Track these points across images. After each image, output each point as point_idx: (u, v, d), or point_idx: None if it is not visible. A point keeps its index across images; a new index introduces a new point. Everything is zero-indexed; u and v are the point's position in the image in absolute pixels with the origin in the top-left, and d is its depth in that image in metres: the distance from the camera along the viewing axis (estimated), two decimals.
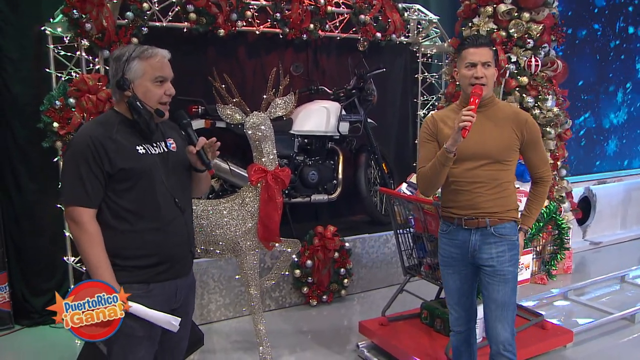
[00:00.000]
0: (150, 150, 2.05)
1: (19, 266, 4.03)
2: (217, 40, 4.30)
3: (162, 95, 2.05)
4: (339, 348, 3.67)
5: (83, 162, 1.91)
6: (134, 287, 1.97)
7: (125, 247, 1.99)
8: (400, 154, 5.62)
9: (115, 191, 1.97)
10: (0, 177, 3.92)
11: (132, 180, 1.98)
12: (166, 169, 2.07)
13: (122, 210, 1.98)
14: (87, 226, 1.92)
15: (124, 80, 1.99)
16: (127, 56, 2.01)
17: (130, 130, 2.03)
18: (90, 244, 1.93)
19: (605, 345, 3.72)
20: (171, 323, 2.03)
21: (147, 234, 2.01)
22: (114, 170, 1.94)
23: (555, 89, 4.81)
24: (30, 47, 3.86)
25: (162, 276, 2.05)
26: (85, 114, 3.63)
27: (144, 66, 2.01)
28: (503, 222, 2.46)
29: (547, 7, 4.63)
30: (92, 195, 1.93)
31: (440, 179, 2.45)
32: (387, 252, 4.78)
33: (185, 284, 2.17)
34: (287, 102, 3.26)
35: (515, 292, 2.49)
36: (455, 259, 2.55)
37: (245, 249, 3.19)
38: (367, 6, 4.76)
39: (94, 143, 1.92)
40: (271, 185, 3.15)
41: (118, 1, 3.77)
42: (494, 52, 2.48)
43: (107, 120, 2.03)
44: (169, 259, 2.06)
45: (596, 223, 6.33)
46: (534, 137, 2.48)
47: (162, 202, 2.04)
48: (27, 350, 3.67)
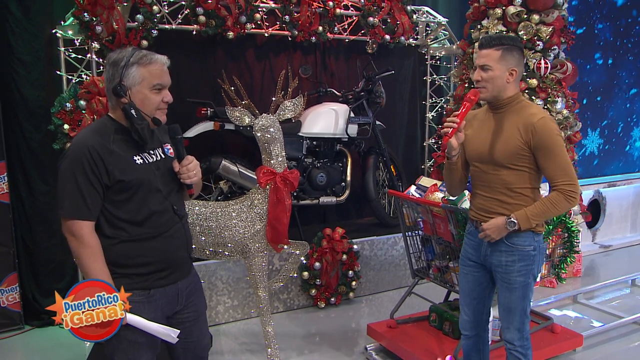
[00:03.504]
0: (147, 160, 2.02)
1: (30, 267, 4.07)
2: (226, 42, 4.32)
3: (160, 102, 2.01)
4: (347, 350, 3.66)
5: (81, 173, 1.87)
6: (135, 294, 1.95)
7: (123, 256, 1.97)
8: (408, 156, 5.62)
9: (113, 202, 1.94)
10: (11, 178, 3.95)
11: (130, 191, 1.95)
12: (163, 177, 2.05)
13: (120, 221, 1.95)
14: (88, 239, 1.89)
15: (121, 86, 1.94)
16: (125, 61, 1.94)
17: (126, 139, 1.98)
18: (91, 258, 1.90)
19: (615, 349, 3.69)
20: (170, 335, 2.01)
21: (145, 242, 1.99)
22: (112, 182, 1.91)
23: (565, 91, 4.78)
24: (41, 50, 3.90)
25: (162, 282, 2.04)
26: (95, 116, 3.65)
27: (142, 73, 1.96)
28: (517, 231, 2.38)
29: (557, 9, 4.61)
30: (91, 207, 1.89)
31: (452, 181, 2.51)
32: (395, 255, 4.77)
33: (186, 285, 2.16)
34: (295, 104, 3.26)
35: (524, 299, 2.45)
36: (470, 259, 2.57)
37: (254, 251, 3.20)
38: (375, 8, 4.75)
39: (92, 154, 1.87)
40: (280, 187, 3.15)
41: (128, 4, 3.79)
42: (504, 51, 2.34)
43: (103, 128, 1.97)
44: (169, 264, 2.06)
45: (606, 226, 6.29)
46: (542, 142, 2.29)
47: (160, 210, 2.02)
48: (37, 351, 3.70)
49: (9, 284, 3.93)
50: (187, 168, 2.06)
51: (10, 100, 3.89)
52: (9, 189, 3.91)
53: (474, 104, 2.37)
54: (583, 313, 4.33)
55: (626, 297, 4.73)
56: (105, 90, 2.04)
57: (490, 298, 2.63)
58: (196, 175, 2.09)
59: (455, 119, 2.30)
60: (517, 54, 2.37)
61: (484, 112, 2.51)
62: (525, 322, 2.48)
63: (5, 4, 3.78)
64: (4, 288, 3.92)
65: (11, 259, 3.94)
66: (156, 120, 2.01)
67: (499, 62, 2.34)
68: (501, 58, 2.34)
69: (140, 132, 1.95)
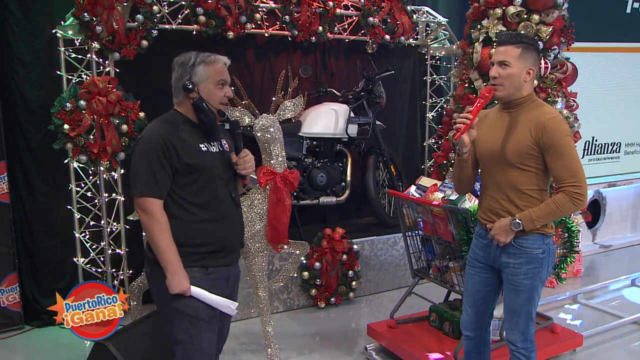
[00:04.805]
0: (210, 149, 2.21)
1: (30, 267, 4.07)
2: (226, 42, 4.31)
3: (223, 97, 2.22)
4: (347, 350, 3.66)
5: (155, 157, 2.09)
6: (194, 271, 2.15)
7: (187, 235, 2.15)
8: (408, 156, 5.62)
9: (180, 184, 2.14)
10: (12, 178, 3.95)
11: (195, 174, 2.15)
12: (223, 166, 2.26)
13: (185, 202, 2.15)
14: (158, 215, 2.10)
15: (191, 83, 2.16)
16: (192, 61, 2.18)
17: (193, 129, 2.20)
18: (160, 232, 2.09)
19: (615, 349, 3.69)
20: (229, 307, 2.22)
21: (207, 224, 2.18)
22: (181, 165, 2.12)
23: (565, 91, 4.78)
24: (41, 50, 3.90)
25: (219, 262, 2.23)
26: (95, 116, 3.65)
27: (208, 70, 2.18)
28: (525, 234, 2.36)
29: (557, 9, 4.61)
30: (162, 187, 2.10)
31: (461, 179, 2.49)
32: (395, 255, 4.77)
33: (234, 273, 2.36)
34: (295, 104, 3.27)
35: (529, 302, 2.43)
36: (479, 261, 2.55)
37: (254, 251, 3.20)
38: (375, 9, 4.75)
39: (164, 140, 2.09)
40: (280, 187, 3.16)
41: (128, 4, 3.79)
42: (523, 49, 2.31)
43: (172, 120, 2.20)
44: (225, 247, 2.24)
45: (606, 226, 6.29)
46: (552, 141, 2.26)
47: (220, 196, 2.21)
48: (36, 351, 3.70)
49: (9, 284, 3.93)
50: (244, 160, 2.28)
51: (10, 100, 3.89)
52: (9, 189, 3.91)
53: (488, 100, 2.32)
54: (583, 313, 4.33)
55: (626, 297, 4.73)
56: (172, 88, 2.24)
57: (495, 300, 2.61)
58: (251, 167, 2.31)
59: (468, 115, 2.27)
60: (535, 53, 2.36)
61: (496, 111, 2.49)
62: (529, 324, 2.46)
63: (5, 4, 3.78)
64: (4, 288, 3.92)
65: (11, 259, 3.94)
66: (221, 112, 2.23)
67: (518, 59, 2.31)
68: (520, 56, 2.32)
69: (209, 123, 2.18)
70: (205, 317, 2.18)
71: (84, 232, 3.91)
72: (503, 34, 2.42)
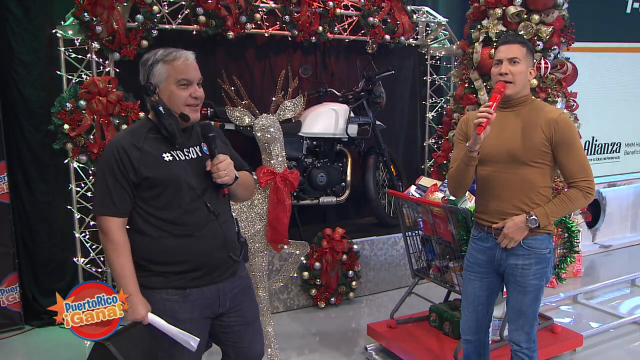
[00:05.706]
0: (179, 157, 2.02)
1: (30, 267, 4.07)
2: (226, 42, 4.32)
3: (188, 97, 2.01)
4: (347, 350, 3.66)
5: (109, 172, 1.94)
6: (170, 293, 1.99)
7: (159, 253, 1.99)
8: (408, 156, 5.62)
9: (144, 199, 1.98)
10: (12, 178, 3.95)
11: (158, 188, 1.97)
12: (197, 175, 2.03)
13: (153, 218, 1.98)
14: (113, 235, 1.94)
15: (149, 84, 2.00)
16: (151, 60, 2.01)
17: (159, 137, 2.00)
18: (115, 253, 1.95)
19: (615, 349, 3.69)
20: (189, 342, 1.98)
21: (179, 240, 1.99)
22: (139, 179, 1.95)
23: (565, 91, 4.78)
24: (41, 50, 3.90)
25: (198, 281, 2.03)
26: (95, 116, 3.66)
27: (167, 69, 2.00)
28: (534, 234, 2.37)
29: (557, 9, 4.61)
30: (118, 204, 1.94)
31: (465, 180, 2.44)
32: (395, 255, 4.77)
33: (231, 287, 2.12)
34: (295, 104, 3.26)
35: (535, 302, 2.43)
36: (480, 265, 2.51)
37: (254, 251, 3.20)
38: (375, 9, 4.76)
39: (119, 153, 1.93)
40: (280, 187, 3.15)
41: (128, 4, 3.80)
42: (527, 50, 2.39)
43: (138, 128, 2.03)
44: (205, 264, 2.03)
45: (606, 226, 6.29)
46: (564, 137, 2.31)
47: (192, 208, 2.00)
48: (37, 351, 3.70)
49: (9, 284, 3.93)
50: (217, 167, 2.02)
51: (10, 100, 3.89)
52: (9, 189, 3.91)
53: (503, 95, 2.35)
54: (583, 313, 4.33)
55: (626, 297, 4.73)
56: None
57: (494, 302, 2.60)
58: (227, 175, 2.04)
59: (489, 109, 2.26)
60: (532, 55, 2.45)
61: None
62: (533, 324, 2.46)
63: (5, 4, 3.78)
64: (4, 288, 3.92)
65: (11, 259, 3.94)
66: (183, 116, 2.01)
67: (525, 58, 2.38)
68: (526, 55, 2.39)
69: (168, 128, 1.97)
70: None
71: (84, 232, 3.91)
72: (509, 33, 2.46)
